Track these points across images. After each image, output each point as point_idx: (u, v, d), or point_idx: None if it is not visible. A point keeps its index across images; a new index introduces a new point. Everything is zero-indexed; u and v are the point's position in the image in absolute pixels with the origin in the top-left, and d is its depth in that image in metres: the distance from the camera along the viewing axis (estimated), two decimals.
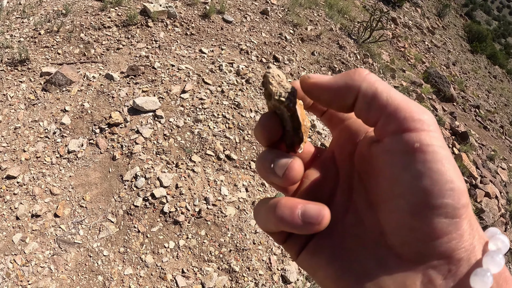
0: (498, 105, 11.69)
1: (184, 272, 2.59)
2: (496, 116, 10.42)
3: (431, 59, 10.17)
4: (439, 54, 11.26)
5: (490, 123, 9.51)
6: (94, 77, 3.77)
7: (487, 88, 12.38)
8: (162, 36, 4.47)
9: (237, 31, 4.77)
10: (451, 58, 11.93)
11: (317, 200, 0.29)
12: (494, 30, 36.69)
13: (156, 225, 2.74)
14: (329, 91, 0.30)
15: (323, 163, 0.34)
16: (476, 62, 14.19)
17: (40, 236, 2.63)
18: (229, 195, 2.95)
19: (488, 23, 40.97)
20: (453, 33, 15.22)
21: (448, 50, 12.33)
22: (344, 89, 0.29)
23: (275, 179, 0.30)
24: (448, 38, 13.82)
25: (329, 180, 0.32)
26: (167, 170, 2.97)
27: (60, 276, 2.46)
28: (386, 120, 0.26)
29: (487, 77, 13.76)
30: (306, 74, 0.32)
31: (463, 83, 10.27)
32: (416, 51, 9.71)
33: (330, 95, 0.30)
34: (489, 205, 5.86)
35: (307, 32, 5.42)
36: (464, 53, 14.07)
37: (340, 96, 0.29)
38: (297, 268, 2.94)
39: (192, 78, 3.74)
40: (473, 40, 15.70)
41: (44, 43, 4.14)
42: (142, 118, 3.33)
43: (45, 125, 3.31)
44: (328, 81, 0.30)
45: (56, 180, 2.96)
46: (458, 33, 15.86)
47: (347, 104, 0.29)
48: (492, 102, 11.42)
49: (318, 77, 0.31)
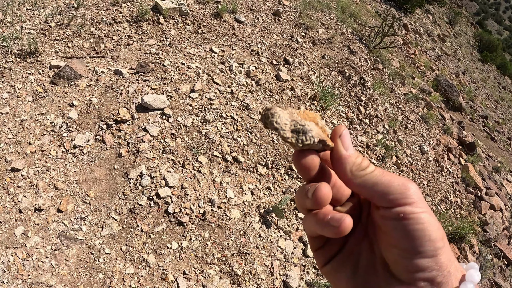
0: (506, 116, 11.58)
1: (186, 274, 2.56)
2: (504, 127, 10.32)
3: (440, 67, 10.09)
4: (449, 62, 11.18)
5: (498, 134, 9.42)
6: (103, 72, 3.75)
7: (496, 99, 12.27)
8: (173, 34, 4.44)
9: (248, 31, 4.74)
10: (461, 67, 11.84)
11: None
12: (505, 40, 36.44)
13: (159, 225, 2.72)
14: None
15: (353, 202, 0.43)
16: (485, 71, 14.08)
17: (42, 230, 2.61)
18: (235, 198, 2.92)
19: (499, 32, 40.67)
20: (463, 41, 15.10)
21: (458, 59, 12.24)
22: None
23: (307, 202, 0.40)
24: (459, 47, 13.71)
25: (354, 215, 0.41)
26: (173, 170, 2.94)
27: (60, 272, 2.44)
28: (377, 199, 0.37)
29: (496, 88, 13.65)
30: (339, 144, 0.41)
31: (472, 93, 10.18)
32: (426, 58, 9.64)
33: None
34: (493, 218, 5.79)
35: (319, 35, 5.38)
36: (474, 62, 13.96)
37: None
38: (299, 274, 2.90)
39: (201, 78, 3.71)
40: (484, 49, 15.57)
41: (54, 35, 4.12)
42: (150, 116, 3.30)
43: (52, 119, 3.29)
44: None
45: (61, 175, 2.94)
46: (469, 42, 15.74)
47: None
48: (500, 113, 11.32)
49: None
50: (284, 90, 3.93)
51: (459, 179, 5.80)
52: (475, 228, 4.91)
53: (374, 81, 5.27)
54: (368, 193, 0.38)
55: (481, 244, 5.14)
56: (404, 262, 0.36)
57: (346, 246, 0.42)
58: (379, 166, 4.12)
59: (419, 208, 0.35)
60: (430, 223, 0.35)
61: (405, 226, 0.35)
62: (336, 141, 0.40)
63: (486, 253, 5.14)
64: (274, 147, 3.39)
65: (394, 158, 4.54)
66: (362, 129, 4.39)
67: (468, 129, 7.93)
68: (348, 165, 0.39)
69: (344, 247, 0.42)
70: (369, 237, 0.41)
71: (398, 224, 0.35)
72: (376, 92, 5.05)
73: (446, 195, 5.16)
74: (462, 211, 5.21)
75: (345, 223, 0.37)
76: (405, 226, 0.35)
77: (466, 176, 5.87)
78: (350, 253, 0.41)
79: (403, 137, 5.08)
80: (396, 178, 0.37)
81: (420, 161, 5.11)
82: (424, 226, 0.35)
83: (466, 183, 5.85)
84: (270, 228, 2.95)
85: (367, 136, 4.37)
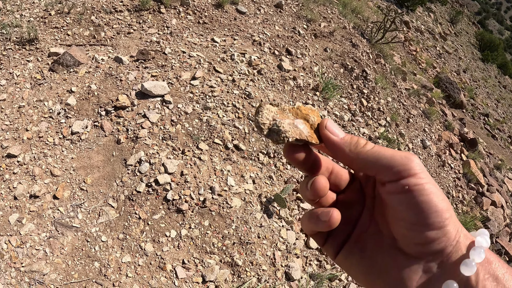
0: (506, 115, 11.54)
1: (185, 263, 2.50)
2: (505, 126, 10.28)
3: (442, 65, 10.04)
4: (450, 60, 11.13)
5: (499, 132, 9.38)
6: (103, 59, 3.68)
7: (497, 98, 12.23)
8: (174, 23, 4.38)
9: (250, 22, 4.67)
10: (462, 65, 11.79)
11: (349, 216, 0.43)
12: (506, 40, 36.39)
13: (158, 213, 2.65)
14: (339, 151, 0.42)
15: (355, 188, 0.44)
16: (486, 71, 14.04)
17: (37, 217, 2.54)
18: (235, 186, 2.85)
19: (500, 32, 40.62)
20: (464, 40, 15.06)
21: (459, 57, 12.19)
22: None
23: (307, 193, 0.41)
24: (460, 45, 13.67)
25: (358, 202, 0.44)
26: (172, 157, 2.88)
27: (55, 260, 2.38)
28: (383, 173, 0.38)
29: (496, 87, 13.61)
30: (324, 124, 0.42)
31: (473, 91, 10.13)
32: (427, 56, 9.58)
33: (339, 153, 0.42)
34: (495, 214, 5.74)
35: (321, 28, 5.31)
36: (475, 61, 13.91)
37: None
38: (302, 266, 2.84)
39: (203, 66, 3.64)
40: (485, 48, 15.54)
41: (54, 23, 4.06)
42: (149, 103, 3.23)
43: (50, 105, 3.22)
44: (336, 142, 0.42)
45: (58, 161, 2.87)
46: (470, 41, 15.70)
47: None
48: (501, 112, 11.28)
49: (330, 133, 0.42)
50: (286, 80, 3.86)
51: (461, 175, 5.74)
52: (477, 224, 4.86)
53: (376, 75, 5.21)
54: (372, 169, 0.39)
55: None
56: (413, 235, 0.36)
57: (353, 233, 0.43)
58: None
59: (422, 179, 0.36)
60: (434, 193, 0.36)
61: (411, 199, 0.36)
62: (324, 133, 0.42)
63: None
64: None
65: None
66: (365, 122, 4.33)
67: (469, 126, 7.88)
68: (345, 146, 0.41)
69: (351, 235, 0.43)
70: (375, 219, 0.42)
71: (404, 197, 0.36)
72: (378, 85, 5.00)
73: (448, 190, 5.10)
74: (464, 206, 5.15)
75: (333, 216, 0.39)
76: (410, 199, 0.36)
77: (467, 172, 5.82)
78: (358, 238, 0.43)
79: (405, 131, 5.02)
80: (397, 152, 0.38)
81: (422, 155, 5.06)
82: (429, 198, 0.35)
83: (467, 178, 5.80)
84: (272, 218, 2.88)
85: (369, 128, 4.31)
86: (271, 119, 0.40)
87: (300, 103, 3.76)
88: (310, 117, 0.42)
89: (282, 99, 3.66)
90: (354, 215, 0.43)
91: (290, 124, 0.40)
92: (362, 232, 0.42)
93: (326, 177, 0.41)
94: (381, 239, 0.41)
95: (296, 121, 0.41)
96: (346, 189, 0.45)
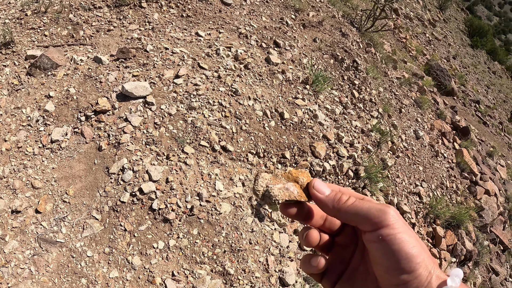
0: (497, 101, 11.54)
1: (175, 275, 2.37)
2: (495, 112, 10.27)
3: (431, 52, 9.94)
4: (439, 47, 11.04)
5: (490, 119, 9.36)
6: (82, 60, 3.48)
7: (487, 84, 12.22)
8: (156, 18, 4.17)
9: (236, 14, 4.48)
10: (452, 52, 11.72)
11: (343, 256, 0.51)
12: (495, 26, 36.45)
13: (144, 223, 2.50)
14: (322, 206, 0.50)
15: (348, 231, 0.51)
16: (476, 57, 14.00)
17: (21, 234, 2.41)
18: (224, 190, 2.71)
19: (489, 18, 40.62)
20: (454, 26, 14.98)
21: (449, 44, 12.11)
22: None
23: (303, 242, 0.51)
24: (449, 32, 13.58)
25: (351, 243, 0.51)
26: (157, 163, 2.71)
27: (41, 279, 2.27)
28: (361, 225, 0.45)
29: (486, 73, 13.59)
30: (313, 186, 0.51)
31: (464, 78, 10.07)
32: (417, 43, 9.47)
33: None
34: (489, 203, 5.70)
35: (309, 18, 5.14)
36: (464, 47, 13.86)
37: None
38: (296, 269, 2.73)
39: (186, 62, 3.46)
40: (474, 34, 15.49)
41: (30, 24, 3.85)
42: (131, 105, 3.05)
43: (28, 112, 3.04)
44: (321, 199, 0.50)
45: (38, 172, 2.71)
46: (459, 27, 15.62)
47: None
48: (491, 98, 11.27)
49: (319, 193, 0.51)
50: (274, 74, 3.70)
51: (454, 164, 5.68)
52: (471, 214, 4.81)
53: (367, 64, 5.08)
54: (352, 221, 0.46)
55: (477, 230, 5.04)
56: (389, 277, 0.42)
57: (346, 271, 0.50)
58: (375, 152, 3.95)
59: (395, 230, 0.41)
60: (405, 242, 0.41)
61: (385, 247, 0.41)
62: (311, 192, 0.49)
63: (483, 239, 5.05)
64: (265, 134, 3.17)
65: (390, 144, 4.37)
66: (357, 114, 4.20)
67: (460, 114, 7.81)
68: (328, 203, 0.47)
69: (345, 271, 0.50)
70: (364, 259, 0.48)
71: (379, 245, 0.42)
72: (369, 76, 4.86)
73: (442, 180, 5.03)
74: (458, 196, 5.09)
75: (320, 263, 0.48)
76: (384, 247, 0.41)
77: (461, 161, 5.76)
78: (350, 275, 0.49)
79: (398, 122, 4.92)
80: (374, 205, 0.44)
81: (416, 146, 4.97)
82: (399, 246, 0.40)
83: (461, 168, 5.74)
84: (264, 222, 2.76)
85: (362, 121, 4.18)
86: (264, 186, 0.49)
87: (291, 168, 3.62)
88: (300, 178, 0.50)
89: (270, 94, 3.50)
90: (347, 255, 0.50)
91: (280, 188, 0.48)
92: (354, 270, 0.49)
93: (317, 231, 0.50)
94: (368, 277, 0.47)
95: (288, 184, 0.49)
96: (342, 232, 0.52)
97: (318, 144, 3.30)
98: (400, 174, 4.27)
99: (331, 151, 3.41)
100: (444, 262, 4.08)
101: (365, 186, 3.50)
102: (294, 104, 3.56)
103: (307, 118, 3.48)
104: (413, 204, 4.18)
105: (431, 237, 4.20)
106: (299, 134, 3.32)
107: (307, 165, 3.13)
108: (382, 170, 3.84)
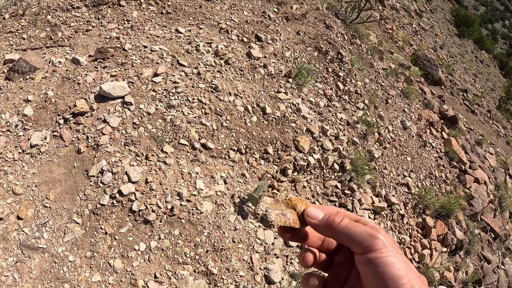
0: (485, 89, 11.59)
1: (157, 277, 2.32)
2: (483, 100, 10.31)
3: (418, 42, 9.94)
4: (426, 37, 11.05)
5: (478, 107, 9.38)
6: (60, 62, 3.41)
7: (474, 73, 12.26)
8: (135, 16, 4.09)
9: (217, 9, 4.41)
10: (438, 42, 11.73)
11: (340, 275, 0.54)
12: (481, 16, 36.62)
13: (124, 226, 2.44)
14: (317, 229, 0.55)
15: (345, 251, 0.55)
16: (463, 46, 14.05)
17: (3, 241, 2.36)
18: (206, 189, 2.66)
19: (476, 8, 40.75)
20: (440, 16, 15.00)
21: (436, 34, 12.13)
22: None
23: (301, 263, 0.55)
24: (436, 22, 13.60)
25: (348, 263, 0.54)
26: (136, 163, 2.65)
27: (24, 286, 2.24)
28: (353, 247, 0.48)
29: (474, 62, 13.64)
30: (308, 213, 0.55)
31: (451, 67, 10.09)
32: (403, 34, 9.46)
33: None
34: (478, 191, 5.71)
35: (292, 10, 5.09)
36: (451, 37, 13.89)
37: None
38: (282, 266, 2.69)
39: (166, 60, 3.39)
40: (460, 24, 15.54)
41: (8, 28, 3.76)
42: (109, 106, 2.98)
43: (7, 118, 2.98)
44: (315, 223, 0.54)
45: (19, 178, 2.64)
46: (446, 17, 15.65)
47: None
48: (479, 87, 11.31)
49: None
50: (256, 68, 3.64)
51: (443, 154, 5.67)
52: (461, 203, 4.80)
53: (352, 56, 5.04)
54: (345, 242, 0.50)
55: (467, 218, 5.04)
56: None
57: None
58: (361, 144, 3.92)
59: (383, 253, 0.45)
60: (391, 264, 0.44)
61: (373, 269, 0.45)
62: (306, 219, 0.54)
63: (473, 227, 5.05)
64: (247, 130, 3.11)
65: (376, 135, 4.34)
66: (342, 106, 4.16)
67: (448, 103, 7.82)
68: (322, 226, 0.52)
69: None
70: (360, 278, 0.50)
71: (368, 267, 0.45)
72: (354, 67, 4.82)
73: (431, 170, 5.02)
74: (447, 186, 5.09)
75: (315, 283, 0.53)
76: (373, 269, 0.45)
77: (449, 150, 5.75)
78: None
79: (384, 113, 4.89)
80: (366, 229, 0.48)
81: (403, 136, 4.95)
82: (385, 269, 0.44)
83: (449, 157, 5.73)
84: (247, 219, 2.71)
85: (347, 113, 4.15)
86: (264, 210, 0.53)
87: (292, 195, 3.56)
88: (297, 206, 0.55)
89: (252, 89, 3.44)
90: (344, 275, 0.54)
91: (278, 214, 0.53)
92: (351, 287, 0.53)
93: (313, 252, 0.55)
94: None
95: (286, 210, 0.54)
96: (339, 251, 0.56)
97: (302, 138, 3.26)
98: (387, 166, 4.24)
99: (316, 144, 3.37)
100: (435, 252, 4.07)
101: (351, 179, 3.46)
102: (277, 98, 3.51)
103: (290, 112, 3.44)
104: (401, 195, 4.16)
105: (420, 228, 4.19)
106: (282, 129, 3.27)
107: (290, 159, 3.08)
108: (369, 162, 3.80)
